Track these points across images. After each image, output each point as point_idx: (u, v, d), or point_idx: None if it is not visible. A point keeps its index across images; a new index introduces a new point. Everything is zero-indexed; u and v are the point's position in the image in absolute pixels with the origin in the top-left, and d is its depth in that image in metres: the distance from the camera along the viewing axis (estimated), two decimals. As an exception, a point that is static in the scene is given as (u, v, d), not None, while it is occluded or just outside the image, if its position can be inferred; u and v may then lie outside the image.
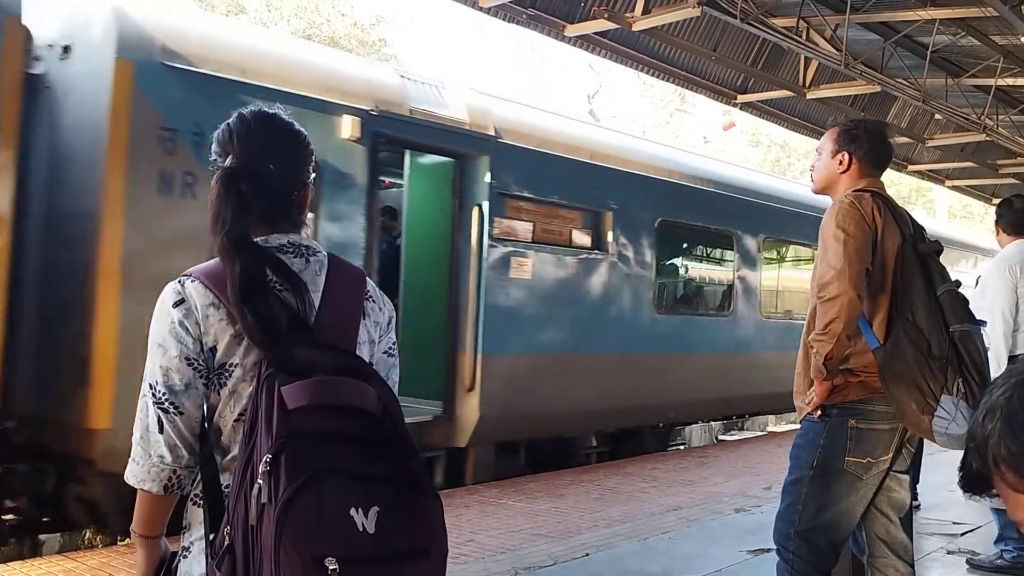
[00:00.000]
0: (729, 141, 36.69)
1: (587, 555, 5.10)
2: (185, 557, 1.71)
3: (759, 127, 35.37)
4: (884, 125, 3.48)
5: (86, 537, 5.76)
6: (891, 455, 3.07)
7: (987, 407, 0.99)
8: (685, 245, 10.63)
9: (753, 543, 5.28)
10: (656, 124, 36.55)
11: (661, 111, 37.52)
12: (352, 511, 1.47)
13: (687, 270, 10.74)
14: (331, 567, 1.41)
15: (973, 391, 2.83)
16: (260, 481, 1.47)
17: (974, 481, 1.03)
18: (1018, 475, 0.96)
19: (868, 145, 3.23)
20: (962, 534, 5.77)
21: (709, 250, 10.99)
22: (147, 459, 1.66)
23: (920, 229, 3.17)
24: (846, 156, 3.25)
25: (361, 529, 1.47)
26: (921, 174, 17.99)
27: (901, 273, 3.01)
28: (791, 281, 12.00)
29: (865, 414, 3.03)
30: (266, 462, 1.47)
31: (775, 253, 11.98)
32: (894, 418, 3.00)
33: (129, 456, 1.69)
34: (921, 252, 3.05)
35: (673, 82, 12.10)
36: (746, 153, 36.77)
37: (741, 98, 12.55)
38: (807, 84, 12.01)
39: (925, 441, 3.28)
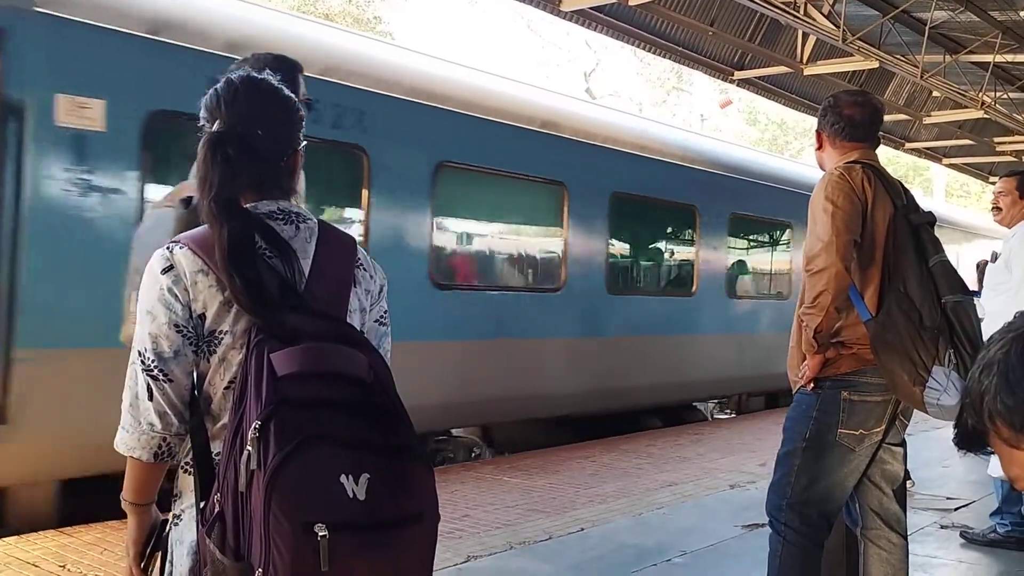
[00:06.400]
0: (726, 119, 36.61)
1: (582, 530, 5.12)
2: (176, 525, 1.71)
3: (756, 105, 35.31)
4: (859, 93, 3.43)
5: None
6: (884, 427, 3.08)
7: (983, 363, 0.99)
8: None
9: (747, 518, 5.30)
10: (653, 103, 36.45)
11: (658, 89, 37.40)
12: (342, 477, 1.47)
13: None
14: (320, 533, 1.41)
15: (965, 362, 2.83)
16: (249, 448, 1.46)
17: (969, 437, 1.03)
18: (1013, 430, 0.96)
19: (834, 117, 3.22)
20: (956, 509, 5.81)
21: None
22: (137, 427, 1.65)
23: (913, 200, 3.16)
24: (816, 135, 3.32)
25: (351, 495, 1.47)
26: (919, 152, 17.98)
27: (893, 244, 3.01)
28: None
29: (858, 386, 3.03)
30: (255, 429, 1.47)
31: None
32: (886, 389, 3.00)
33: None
34: (913, 223, 3.04)
35: (670, 58, 12.05)
36: (743, 131, 36.70)
37: (738, 74, 12.50)
38: (804, 60, 11.96)
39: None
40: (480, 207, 8.26)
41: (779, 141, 37.56)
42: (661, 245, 10.81)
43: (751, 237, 11.75)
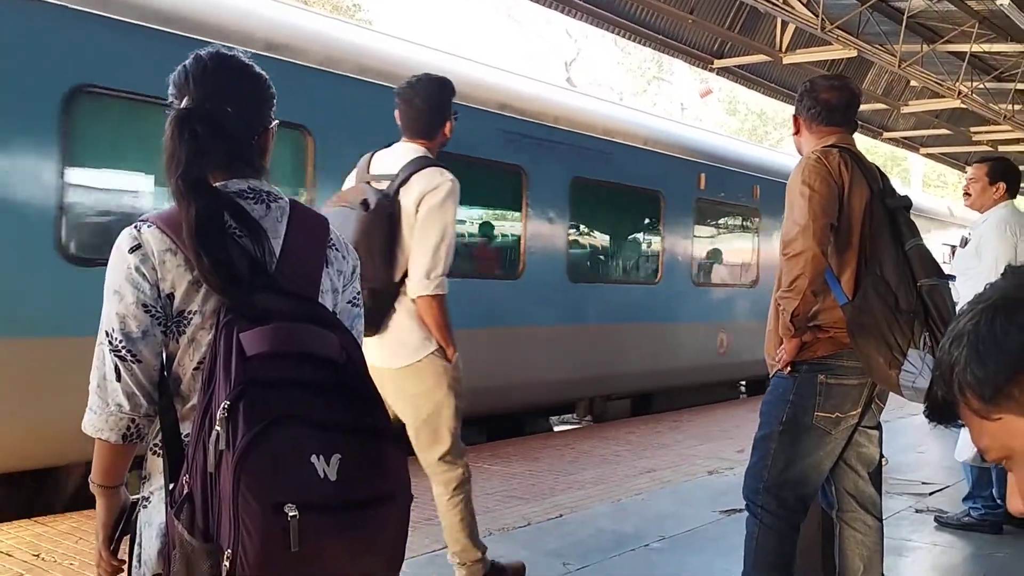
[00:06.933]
0: (706, 109, 36.69)
1: (561, 516, 5.13)
2: (145, 507, 1.69)
3: (736, 95, 35.43)
4: (835, 77, 3.44)
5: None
6: (860, 410, 3.09)
7: (954, 334, 0.98)
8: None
9: (725, 503, 5.33)
10: (634, 92, 36.47)
11: (639, 79, 37.43)
12: (313, 458, 1.45)
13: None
14: (291, 513, 1.40)
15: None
16: (218, 428, 1.44)
17: (939, 410, 1.02)
18: (983, 401, 0.95)
19: (810, 101, 3.23)
20: (930, 494, 5.86)
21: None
22: (105, 408, 1.63)
23: (889, 184, 3.17)
24: (794, 120, 3.33)
25: (322, 476, 1.45)
26: (896, 141, 18.10)
27: (869, 228, 3.02)
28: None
29: (834, 369, 3.04)
30: (224, 409, 1.45)
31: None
32: (863, 373, 3.02)
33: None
34: (890, 207, 3.05)
35: (650, 46, 12.04)
36: (724, 121, 36.81)
37: (717, 63, 12.51)
38: (783, 49, 11.99)
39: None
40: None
41: (759, 131, 37.70)
42: (474, 215, 8.41)
43: (604, 209, 9.57)
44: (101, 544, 1.73)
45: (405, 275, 3.36)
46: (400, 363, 3.38)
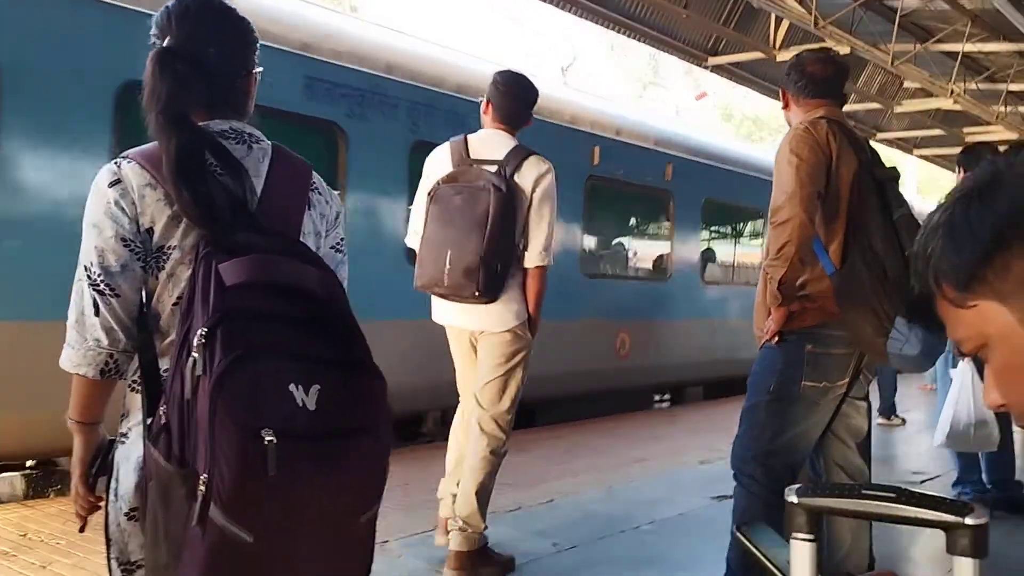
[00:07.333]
0: (701, 114, 36.75)
1: (552, 501, 5.12)
2: (123, 443, 1.68)
3: (731, 101, 35.50)
4: (822, 51, 3.44)
5: (50, 496, 5.69)
6: (847, 379, 3.09)
7: (928, 229, 0.98)
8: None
9: (716, 490, 5.31)
10: (629, 97, 36.52)
11: (634, 83, 37.48)
12: (291, 387, 1.45)
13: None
14: (267, 438, 1.38)
15: None
16: (195, 354, 1.43)
17: (916, 305, 1.02)
18: (958, 289, 0.94)
19: (797, 75, 3.26)
20: (921, 482, 5.87)
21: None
22: (83, 343, 1.62)
23: (878, 156, 3.18)
24: (782, 94, 3.36)
25: (300, 404, 1.44)
26: (890, 142, 18.11)
27: (858, 198, 3.02)
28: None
29: (822, 339, 3.04)
30: (201, 335, 1.44)
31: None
32: (850, 343, 3.01)
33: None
34: (878, 178, 3.05)
35: (644, 42, 12.04)
36: (718, 126, 36.88)
37: (711, 60, 12.52)
38: (777, 45, 12.00)
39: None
40: None
41: (754, 136, 37.75)
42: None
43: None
44: (78, 480, 1.72)
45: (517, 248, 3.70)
46: (503, 327, 3.74)
